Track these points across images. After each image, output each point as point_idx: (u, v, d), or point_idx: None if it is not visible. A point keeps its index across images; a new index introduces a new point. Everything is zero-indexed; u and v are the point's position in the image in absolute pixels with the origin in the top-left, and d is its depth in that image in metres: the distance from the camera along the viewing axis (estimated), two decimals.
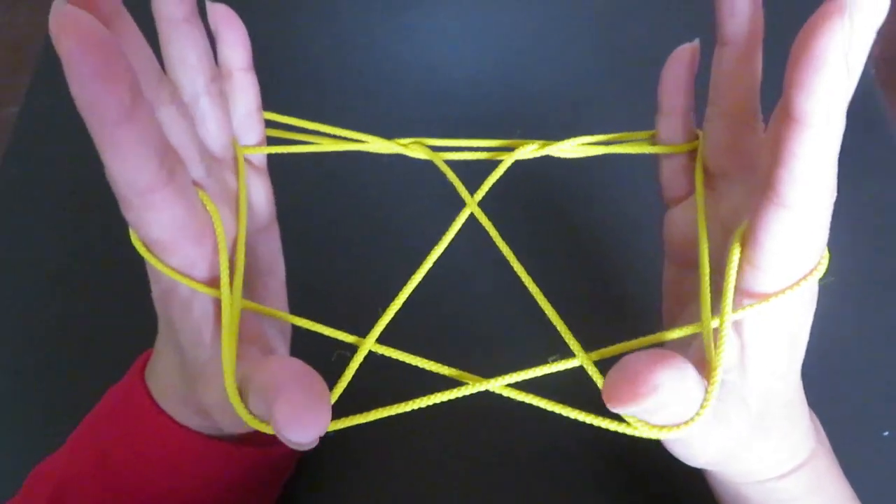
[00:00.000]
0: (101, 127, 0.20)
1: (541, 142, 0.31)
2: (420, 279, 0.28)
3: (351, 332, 0.27)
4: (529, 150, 0.31)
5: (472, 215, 0.30)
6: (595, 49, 0.55)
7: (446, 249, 0.28)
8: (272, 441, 0.33)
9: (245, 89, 0.29)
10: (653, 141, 0.31)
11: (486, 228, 0.29)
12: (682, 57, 0.29)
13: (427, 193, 0.44)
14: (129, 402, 0.30)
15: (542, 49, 0.55)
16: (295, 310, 0.31)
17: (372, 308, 0.30)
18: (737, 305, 0.24)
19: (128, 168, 0.21)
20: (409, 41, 0.55)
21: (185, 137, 0.25)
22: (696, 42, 0.28)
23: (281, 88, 0.54)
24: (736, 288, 0.24)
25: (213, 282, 0.25)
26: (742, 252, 0.24)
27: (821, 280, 0.24)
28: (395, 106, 0.52)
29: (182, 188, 0.23)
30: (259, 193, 0.31)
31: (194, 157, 0.25)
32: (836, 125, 0.20)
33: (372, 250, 0.45)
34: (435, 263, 0.28)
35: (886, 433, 0.39)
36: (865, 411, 0.40)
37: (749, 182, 0.27)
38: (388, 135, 0.32)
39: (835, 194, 0.22)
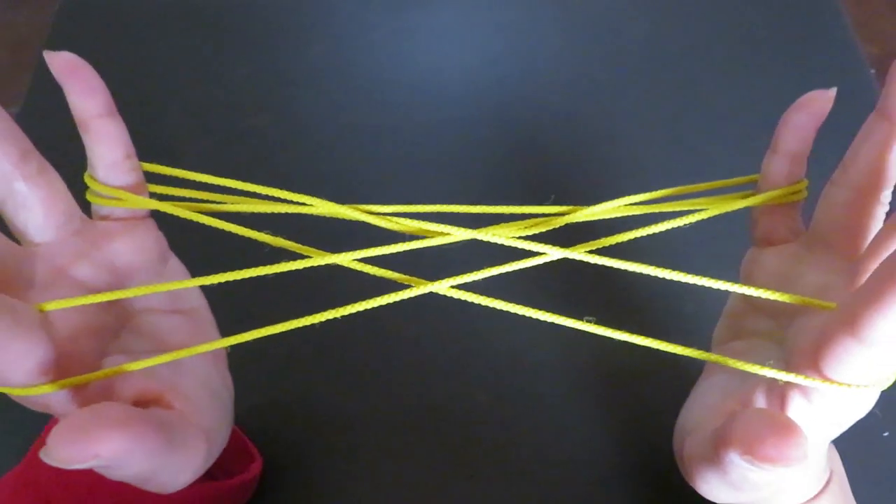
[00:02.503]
0: None
1: (585, 208, 0.27)
2: None
3: None
4: (584, 214, 0.28)
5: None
6: (595, 49, 0.55)
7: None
8: (223, 474, 0.33)
9: (105, 138, 0.26)
10: (754, 185, 0.29)
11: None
12: (813, 105, 0.27)
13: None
14: None
15: (542, 49, 0.55)
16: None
17: None
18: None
19: None
20: (409, 41, 0.55)
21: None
22: (833, 91, 0.26)
23: (280, 89, 0.54)
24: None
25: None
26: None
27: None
28: (394, 107, 0.52)
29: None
30: (125, 251, 0.27)
31: None
32: None
33: None
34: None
35: (886, 434, 0.39)
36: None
37: (848, 265, 0.25)
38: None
39: None
